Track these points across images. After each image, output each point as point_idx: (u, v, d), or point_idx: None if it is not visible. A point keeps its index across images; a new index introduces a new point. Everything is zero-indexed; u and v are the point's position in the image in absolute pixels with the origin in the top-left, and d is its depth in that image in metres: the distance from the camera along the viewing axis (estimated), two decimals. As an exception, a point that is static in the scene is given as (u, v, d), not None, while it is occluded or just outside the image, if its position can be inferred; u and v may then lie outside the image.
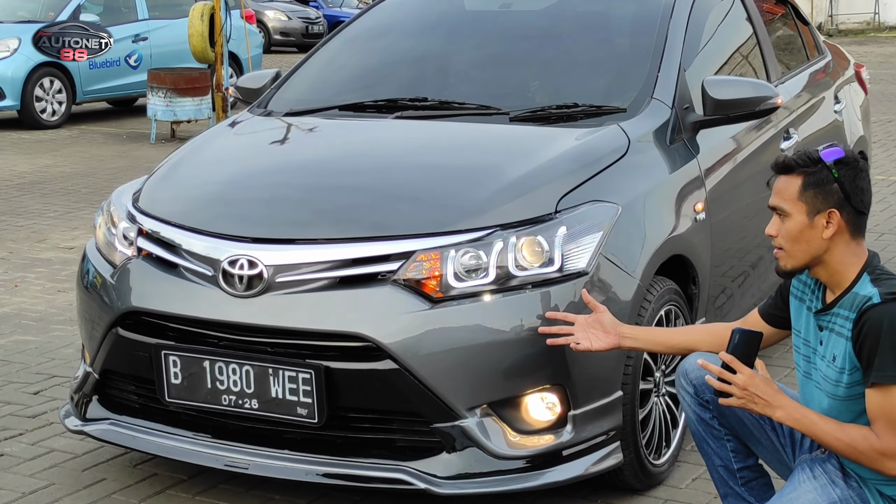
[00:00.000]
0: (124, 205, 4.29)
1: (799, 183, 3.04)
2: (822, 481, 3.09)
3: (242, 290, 3.74)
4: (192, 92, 13.02)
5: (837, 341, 3.04)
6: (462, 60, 5.21)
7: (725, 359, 3.05)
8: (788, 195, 3.06)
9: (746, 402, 3.04)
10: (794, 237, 3.06)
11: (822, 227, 3.03)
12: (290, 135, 4.81)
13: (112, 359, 4.03)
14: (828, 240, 3.03)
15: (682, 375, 3.41)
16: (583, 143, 4.23)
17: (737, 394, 3.03)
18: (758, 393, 3.02)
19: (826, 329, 3.09)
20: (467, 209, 3.82)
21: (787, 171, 3.08)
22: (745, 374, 3.03)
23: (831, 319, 3.07)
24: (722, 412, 3.33)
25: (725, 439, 3.39)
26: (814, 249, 3.05)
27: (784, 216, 3.07)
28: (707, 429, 3.39)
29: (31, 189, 10.29)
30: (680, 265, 4.26)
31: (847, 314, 3.02)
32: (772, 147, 5.24)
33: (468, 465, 3.64)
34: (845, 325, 3.01)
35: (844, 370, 3.01)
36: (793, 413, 3.03)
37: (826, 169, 3.02)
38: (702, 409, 3.38)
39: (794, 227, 3.05)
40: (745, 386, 3.02)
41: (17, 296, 6.80)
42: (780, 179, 3.09)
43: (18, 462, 4.42)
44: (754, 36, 5.58)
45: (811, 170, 3.04)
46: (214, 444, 3.86)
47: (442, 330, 3.62)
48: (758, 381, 3.03)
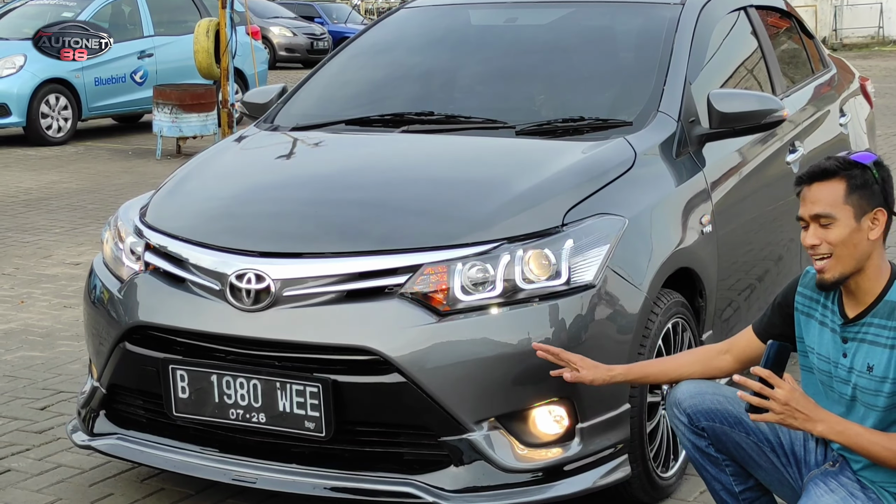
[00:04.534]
0: (131, 220, 4.29)
1: (843, 187, 3.02)
2: (840, 494, 3.06)
3: (250, 305, 3.74)
4: (198, 108, 13.06)
5: (873, 351, 3.01)
6: (468, 75, 5.22)
7: (763, 374, 2.95)
8: (833, 200, 3.02)
9: (786, 418, 2.95)
10: (843, 242, 3.02)
11: (867, 229, 3.02)
12: (296, 149, 4.82)
13: (119, 373, 4.03)
14: (873, 241, 3.02)
15: (675, 405, 3.37)
16: (589, 157, 4.23)
17: (776, 409, 2.94)
18: (798, 407, 2.94)
19: (853, 341, 3.06)
20: (474, 222, 3.82)
21: (826, 176, 3.04)
22: (785, 389, 2.94)
23: (861, 330, 3.05)
24: (718, 438, 3.29)
25: (724, 465, 3.35)
26: (860, 253, 3.03)
27: (829, 222, 3.02)
28: (704, 456, 3.36)
29: (37, 205, 10.32)
30: (687, 278, 4.26)
31: (884, 322, 3.00)
32: (778, 160, 5.24)
33: (476, 479, 3.64)
34: (882, 333, 2.99)
35: (887, 379, 2.99)
36: (835, 426, 2.97)
37: (867, 170, 3.02)
38: (697, 437, 3.34)
39: (843, 232, 3.02)
40: (786, 401, 2.94)
41: (24, 311, 6.81)
42: (818, 187, 3.05)
43: (26, 477, 4.42)
44: (759, 49, 5.58)
45: (854, 172, 3.02)
46: (222, 459, 3.86)
47: (449, 343, 3.62)
48: (798, 395, 2.96)
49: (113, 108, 15.22)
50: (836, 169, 3.04)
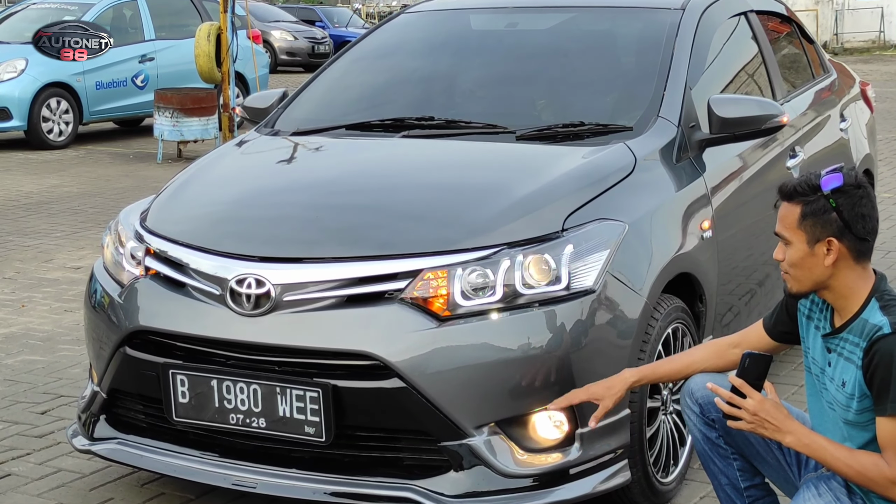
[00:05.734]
0: (132, 224, 4.29)
1: (798, 211, 3.04)
2: (826, 499, 3.09)
3: (250, 309, 3.74)
4: (199, 112, 13.07)
5: (847, 367, 3.03)
6: (468, 80, 5.23)
7: (735, 383, 3.04)
8: (788, 223, 3.06)
9: (756, 427, 3.04)
10: (796, 264, 3.06)
11: (822, 255, 3.02)
12: (297, 154, 4.83)
13: (120, 378, 4.04)
14: (830, 266, 3.02)
15: (688, 395, 3.41)
16: (589, 162, 4.23)
17: (746, 418, 3.03)
18: (767, 418, 3.02)
19: (834, 352, 3.08)
20: (474, 228, 3.83)
21: (788, 198, 3.07)
22: (755, 399, 3.02)
23: (840, 344, 3.06)
24: (728, 431, 3.32)
25: (732, 458, 3.38)
26: (816, 276, 3.05)
27: (787, 243, 3.07)
28: (713, 448, 3.38)
29: (38, 209, 10.32)
30: (687, 283, 4.26)
31: (857, 341, 3.01)
32: (778, 165, 5.24)
33: (476, 484, 3.64)
34: (855, 351, 3.00)
35: (854, 396, 3.00)
36: (802, 439, 3.02)
37: (823, 198, 3.00)
38: (707, 428, 3.37)
39: (796, 255, 3.05)
40: (755, 411, 3.02)
41: (25, 315, 6.81)
42: (783, 206, 3.09)
43: (26, 482, 4.42)
44: (760, 54, 5.59)
45: (809, 199, 3.02)
46: (222, 464, 3.86)
47: (449, 348, 3.62)
48: (768, 405, 3.02)
49: (114, 112, 15.23)
50: (795, 192, 3.05)
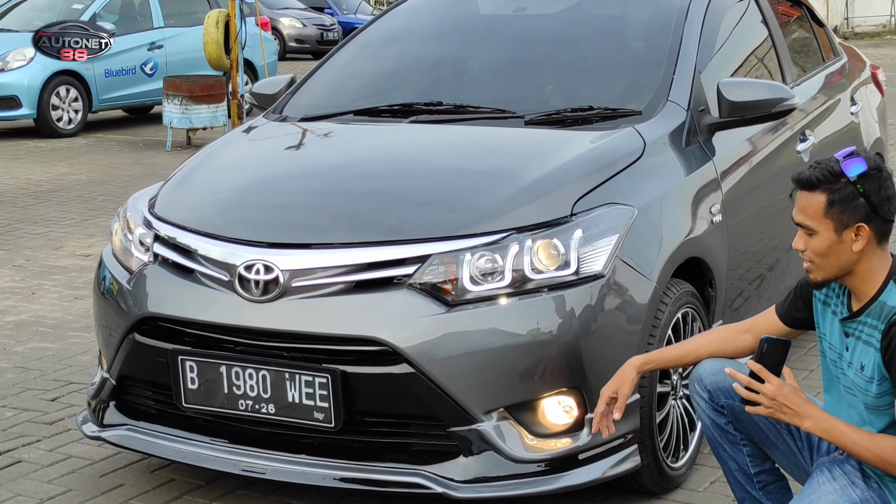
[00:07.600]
0: (140, 211, 4.29)
1: (823, 200, 2.97)
2: (841, 482, 3.07)
3: (259, 295, 3.74)
4: (208, 99, 13.05)
5: (865, 350, 3.01)
6: (477, 64, 5.21)
7: (754, 368, 3.01)
8: (813, 212, 2.99)
9: (774, 412, 3.01)
10: (823, 253, 3.00)
11: (850, 241, 2.98)
12: (305, 140, 4.82)
13: (129, 365, 4.04)
14: (858, 252, 2.99)
15: (697, 381, 3.38)
16: (598, 146, 4.22)
17: (765, 403, 3.00)
18: (786, 403, 2.99)
19: (852, 336, 3.06)
20: (483, 213, 3.82)
21: (809, 187, 3.00)
22: (773, 384, 2.99)
23: (858, 327, 3.04)
24: (737, 417, 3.30)
25: (741, 444, 3.36)
26: (843, 262, 3.01)
27: (811, 232, 3.01)
28: (722, 434, 3.37)
29: (48, 197, 10.33)
30: (696, 268, 4.25)
31: (875, 323, 2.98)
32: (788, 149, 5.22)
33: (485, 469, 3.63)
34: (873, 334, 2.98)
35: (874, 380, 2.99)
36: (822, 423, 2.99)
37: (850, 185, 2.95)
38: (717, 414, 3.35)
39: (823, 244, 2.99)
40: (773, 396, 2.99)
41: (35, 303, 6.82)
42: (803, 195, 3.02)
43: (36, 468, 4.43)
44: (770, 38, 5.56)
45: (835, 186, 2.96)
46: (231, 450, 3.86)
47: (458, 333, 3.62)
48: (786, 390, 2.99)
49: (123, 100, 15.23)
50: (818, 181, 2.98)
